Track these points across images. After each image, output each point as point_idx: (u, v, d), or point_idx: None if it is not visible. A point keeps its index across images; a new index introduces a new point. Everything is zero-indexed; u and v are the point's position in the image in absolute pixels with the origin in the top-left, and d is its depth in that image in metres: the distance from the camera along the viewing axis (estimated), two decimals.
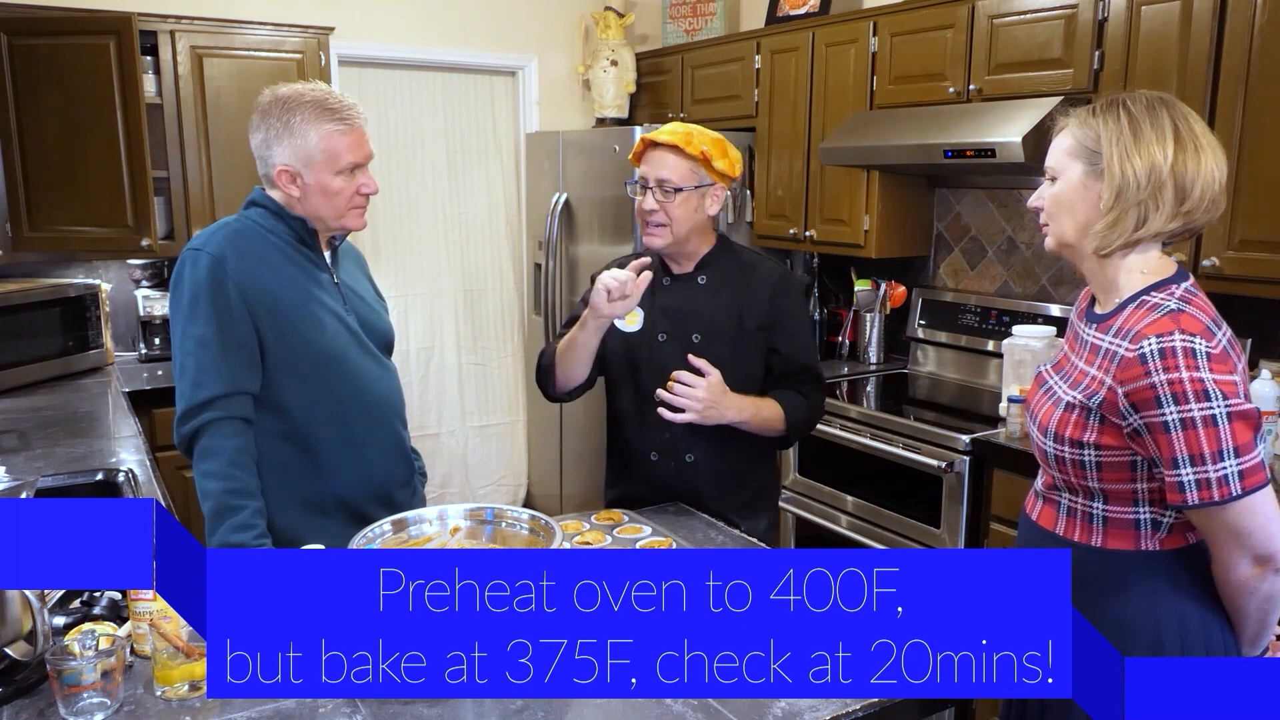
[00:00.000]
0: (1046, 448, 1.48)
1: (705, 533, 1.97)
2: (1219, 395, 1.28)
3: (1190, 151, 1.36)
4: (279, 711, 1.29)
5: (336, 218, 1.85)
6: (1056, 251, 1.49)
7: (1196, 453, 1.29)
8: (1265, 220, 2.42)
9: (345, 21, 4.04)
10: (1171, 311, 1.34)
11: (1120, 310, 1.41)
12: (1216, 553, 1.38)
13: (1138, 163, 1.35)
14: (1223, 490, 1.29)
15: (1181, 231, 1.40)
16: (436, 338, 4.67)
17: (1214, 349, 1.31)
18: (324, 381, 1.83)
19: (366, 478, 1.90)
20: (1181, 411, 1.29)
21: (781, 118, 3.81)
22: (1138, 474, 1.40)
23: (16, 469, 2.30)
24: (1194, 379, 1.28)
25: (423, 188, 4.53)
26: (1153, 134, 1.36)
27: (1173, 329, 1.31)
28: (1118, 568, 1.45)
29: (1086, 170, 1.40)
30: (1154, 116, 1.37)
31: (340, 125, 1.79)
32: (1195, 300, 1.38)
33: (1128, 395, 1.33)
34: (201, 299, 1.74)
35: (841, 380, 3.60)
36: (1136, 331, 1.34)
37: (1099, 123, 1.39)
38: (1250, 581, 1.36)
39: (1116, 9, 2.68)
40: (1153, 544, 1.43)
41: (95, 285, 3.56)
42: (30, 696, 1.32)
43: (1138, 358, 1.32)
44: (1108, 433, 1.38)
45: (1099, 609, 1.45)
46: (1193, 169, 1.35)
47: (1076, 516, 1.48)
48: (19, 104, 3.30)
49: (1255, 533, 1.32)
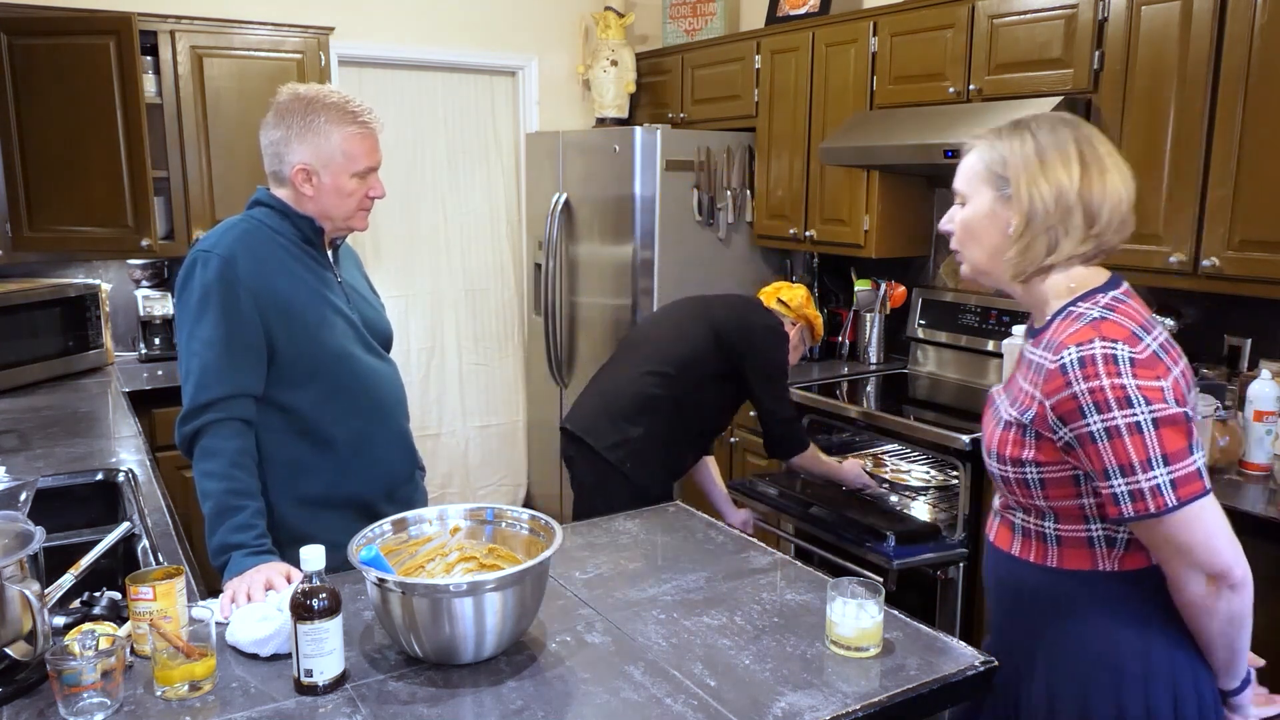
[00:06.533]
0: (993, 469, 1.45)
1: (705, 533, 1.97)
2: (1142, 401, 1.24)
3: (1096, 174, 1.34)
4: (279, 712, 1.29)
5: (345, 218, 1.88)
6: (973, 279, 1.46)
7: (1125, 462, 1.25)
8: (1265, 220, 2.42)
9: (345, 21, 4.04)
10: (1094, 320, 1.31)
11: (1050, 324, 1.38)
12: (1167, 571, 1.33)
13: (1045, 188, 1.33)
14: (1157, 501, 1.25)
15: (1094, 254, 1.37)
16: (437, 338, 4.67)
17: (1139, 354, 1.27)
18: (333, 379, 1.85)
19: (376, 472, 1.93)
20: (1105, 420, 1.25)
21: (781, 118, 3.81)
22: (1082, 489, 1.35)
23: (16, 469, 2.31)
24: (1115, 385, 1.25)
25: (423, 188, 4.53)
26: (1058, 158, 1.33)
27: (1093, 337, 1.28)
28: (1075, 589, 1.40)
29: (995, 196, 1.38)
30: (1058, 139, 1.34)
31: (361, 129, 1.83)
32: (1121, 307, 1.34)
33: (1054, 408, 1.30)
34: (211, 300, 1.75)
35: (841, 380, 3.60)
36: (1059, 343, 1.31)
37: (1005, 147, 1.37)
38: (1204, 601, 1.30)
39: (1116, 9, 2.68)
40: (1111, 564, 1.37)
41: (95, 285, 3.56)
42: (30, 696, 1.32)
43: (1059, 369, 1.29)
44: (1044, 449, 1.35)
45: (1059, 634, 1.42)
46: (1099, 191, 1.33)
47: (1031, 536, 1.44)
48: (19, 104, 3.30)
49: (1197, 547, 1.27)
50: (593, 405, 2.64)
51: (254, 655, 1.42)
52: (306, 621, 1.31)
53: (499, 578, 1.36)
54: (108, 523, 2.05)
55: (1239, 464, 2.39)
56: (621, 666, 1.41)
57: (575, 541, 1.90)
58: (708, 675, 1.38)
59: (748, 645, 1.47)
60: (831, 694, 1.33)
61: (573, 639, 1.50)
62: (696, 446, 2.73)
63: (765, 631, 1.52)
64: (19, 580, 1.31)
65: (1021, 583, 1.46)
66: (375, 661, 1.42)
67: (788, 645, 1.47)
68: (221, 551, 1.69)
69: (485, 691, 1.34)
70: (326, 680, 1.33)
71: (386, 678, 1.38)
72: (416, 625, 1.36)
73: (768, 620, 1.56)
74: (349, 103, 1.84)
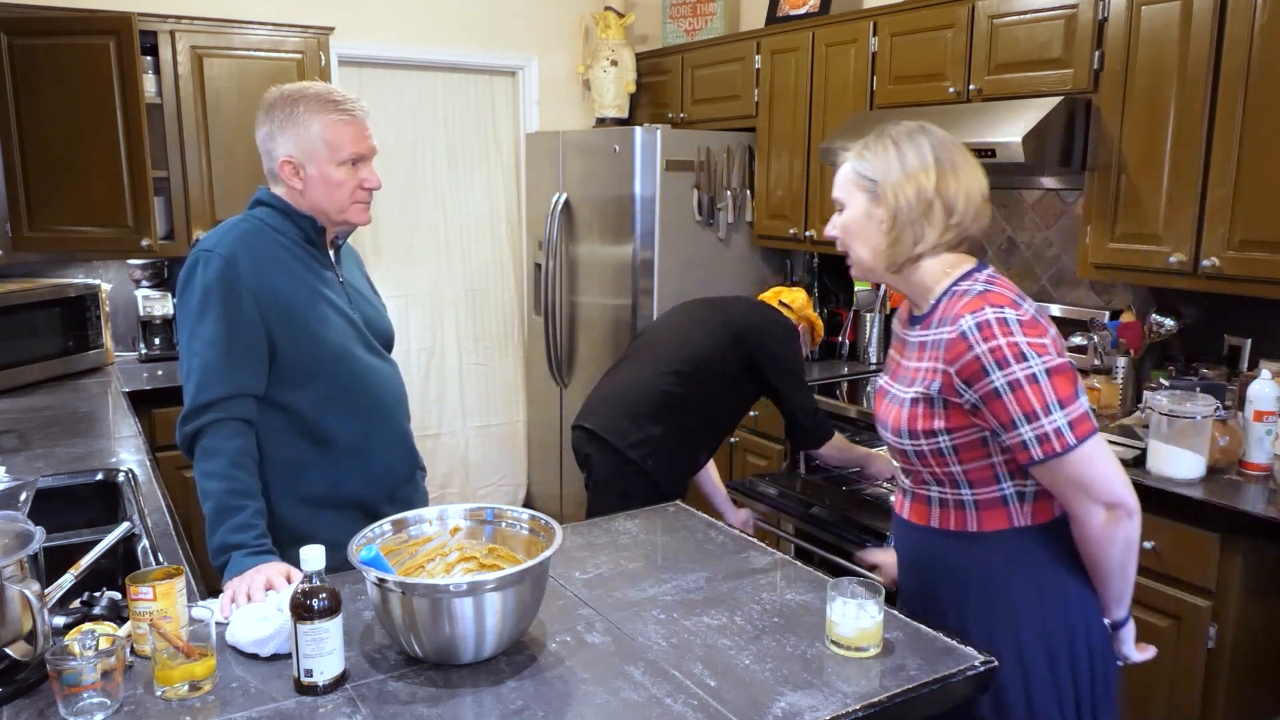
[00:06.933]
0: (905, 446, 1.58)
1: (705, 533, 1.97)
2: (1034, 355, 1.42)
3: (950, 172, 1.52)
4: (279, 712, 1.29)
5: (339, 212, 1.86)
6: (862, 276, 1.63)
7: (1029, 410, 1.41)
8: (1265, 220, 2.42)
9: (345, 21, 4.05)
10: (980, 293, 1.48)
11: (936, 306, 1.54)
12: (1072, 511, 1.48)
13: (908, 188, 1.51)
14: (1061, 441, 1.42)
15: (958, 241, 1.54)
16: (437, 338, 4.67)
17: (1023, 317, 1.44)
18: (334, 379, 1.85)
19: (377, 472, 1.93)
20: (1007, 375, 1.42)
21: (781, 118, 3.81)
22: (991, 449, 1.51)
23: (16, 469, 2.31)
24: (1010, 344, 1.42)
25: (423, 188, 4.53)
26: (916, 161, 1.52)
27: (983, 305, 1.45)
28: (998, 549, 1.55)
29: (867, 199, 1.55)
30: (916, 145, 1.53)
31: (342, 116, 1.81)
32: (998, 281, 1.53)
33: (959, 372, 1.46)
34: (212, 300, 1.75)
35: (841, 380, 3.60)
36: (955, 314, 1.48)
37: (872, 155, 1.55)
38: (1107, 530, 1.47)
39: (1116, 9, 2.68)
40: (1024, 518, 1.54)
41: (95, 285, 3.56)
42: (30, 696, 1.32)
43: (959, 335, 1.45)
44: (953, 415, 1.50)
45: (989, 594, 1.56)
46: (954, 187, 1.52)
47: (949, 507, 1.58)
48: (19, 104, 3.30)
49: (1098, 480, 1.44)
50: (612, 404, 2.65)
51: (254, 655, 1.42)
52: (306, 621, 1.31)
53: (499, 578, 1.36)
54: (108, 523, 2.05)
55: (1239, 464, 2.39)
56: (621, 666, 1.41)
57: (575, 541, 1.90)
58: (708, 675, 1.38)
59: (748, 645, 1.47)
60: (831, 694, 1.33)
61: (573, 639, 1.50)
62: (711, 444, 2.75)
63: (765, 631, 1.52)
64: (19, 580, 1.31)
65: (944, 553, 1.60)
66: (375, 661, 1.42)
67: (788, 645, 1.47)
68: (221, 551, 1.69)
69: (485, 691, 1.34)
70: (326, 680, 1.33)
71: (386, 678, 1.38)
72: (416, 625, 1.36)
73: (768, 620, 1.56)
74: (331, 93, 1.82)
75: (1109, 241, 2.77)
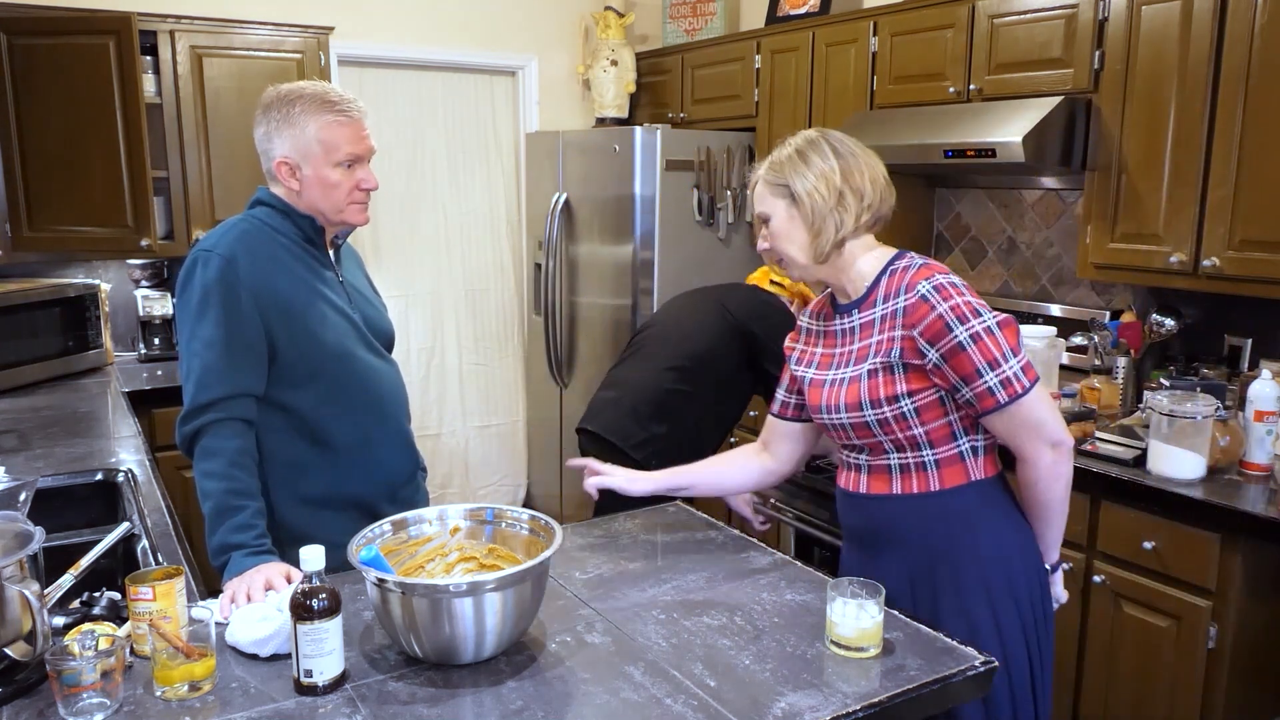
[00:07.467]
0: (866, 418, 1.64)
1: (705, 533, 1.97)
2: (985, 311, 1.58)
3: (850, 162, 1.66)
4: (279, 712, 1.29)
5: (336, 212, 1.85)
6: (800, 277, 1.74)
7: (990, 359, 1.55)
8: (1265, 220, 2.42)
9: (345, 21, 4.05)
10: (920, 265, 1.64)
11: (874, 287, 1.66)
12: (1022, 452, 1.63)
13: (821, 185, 1.65)
14: (1020, 384, 1.56)
15: (873, 221, 1.68)
16: (437, 338, 4.67)
17: (961, 282, 1.61)
18: (334, 379, 1.85)
19: (377, 472, 1.92)
20: (967, 329, 1.55)
21: (781, 118, 3.81)
22: (947, 407, 1.63)
23: (16, 469, 2.31)
24: (965, 302, 1.57)
25: (423, 188, 4.53)
26: (818, 158, 1.66)
27: (932, 273, 1.61)
28: (961, 504, 1.66)
29: (787, 204, 1.68)
30: (816, 148, 1.67)
31: (338, 116, 1.80)
32: (927, 259, 1.67)
33: (922, 333, 1.57)
34: (211, 300, 1.75)
35: None
36: (907, 284, 1.61)
37: (779, 164, 1.69)
38: (1054, 468, 1.62)
39: (1117, 9, 2.68)
40: (979, 471, 1.66)
41: (95, 285, 3.56)
42: (30, 696, 1.32)
43: (919, 299, 1.58)
44: (914, 378, 1.61)
45: (959, 549, 1.66)
46: (858, 177, 1.66)
47: (910, 471, 1.67)
48: (19, 104, 3.30)
49: (1047, 420, 1.60)
50: (614, 405, 2.64)
51: (254, 655, 1.42)
52: (306, 622, 1.31)
53: (499, 578, 1.36)
54: (107, 523, 2.05)
55: (1239, 464, 2.39)
56: (621, 667, 1.41)
57: (575, 541, 1.90)
58: (708, 675, 1.38)
59: (748, 645, 1.47)
60: (831, 694, 1.33)
61: (573, 639, 1.50)
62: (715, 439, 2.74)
63: (765, 631, 1.52)
64: (19, 580, 1.31)
65: (906, 516, 1.68)
66: (375, 661, 1.42)
67: (788, 645, 1.47)
68: (221, 551, 1.69)
69: (485, 692, 1.34)
70: (326, 680, 1.33)
71: (386, 678, 1.38)
72: (416, 625, 1.36)
73: (768, 620, 1.56)
74: (328, 93, 1.81)
75: (1109, 241, 2.77)
